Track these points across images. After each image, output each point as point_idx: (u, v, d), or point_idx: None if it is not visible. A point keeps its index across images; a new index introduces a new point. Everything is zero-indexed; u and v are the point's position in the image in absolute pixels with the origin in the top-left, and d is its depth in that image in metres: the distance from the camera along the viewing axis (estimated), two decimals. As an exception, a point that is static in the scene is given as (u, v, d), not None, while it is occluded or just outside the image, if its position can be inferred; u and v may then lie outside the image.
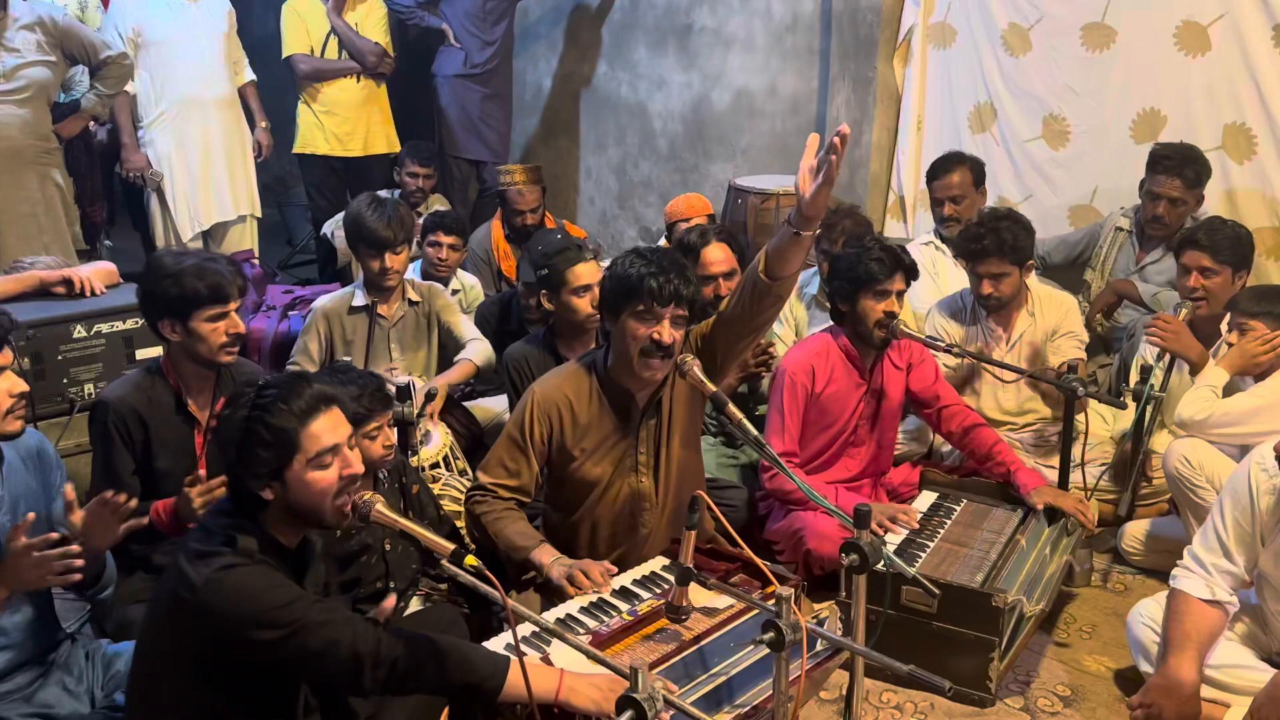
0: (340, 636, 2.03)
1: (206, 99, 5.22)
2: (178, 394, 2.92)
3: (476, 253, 5.14)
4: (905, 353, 3.48)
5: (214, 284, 2.82)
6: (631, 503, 2.94)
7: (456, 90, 6.01)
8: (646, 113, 6.20)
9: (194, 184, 5.25)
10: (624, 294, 2.74)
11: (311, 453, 2.09)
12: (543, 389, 2.90)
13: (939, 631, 2.86)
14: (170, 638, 2.09)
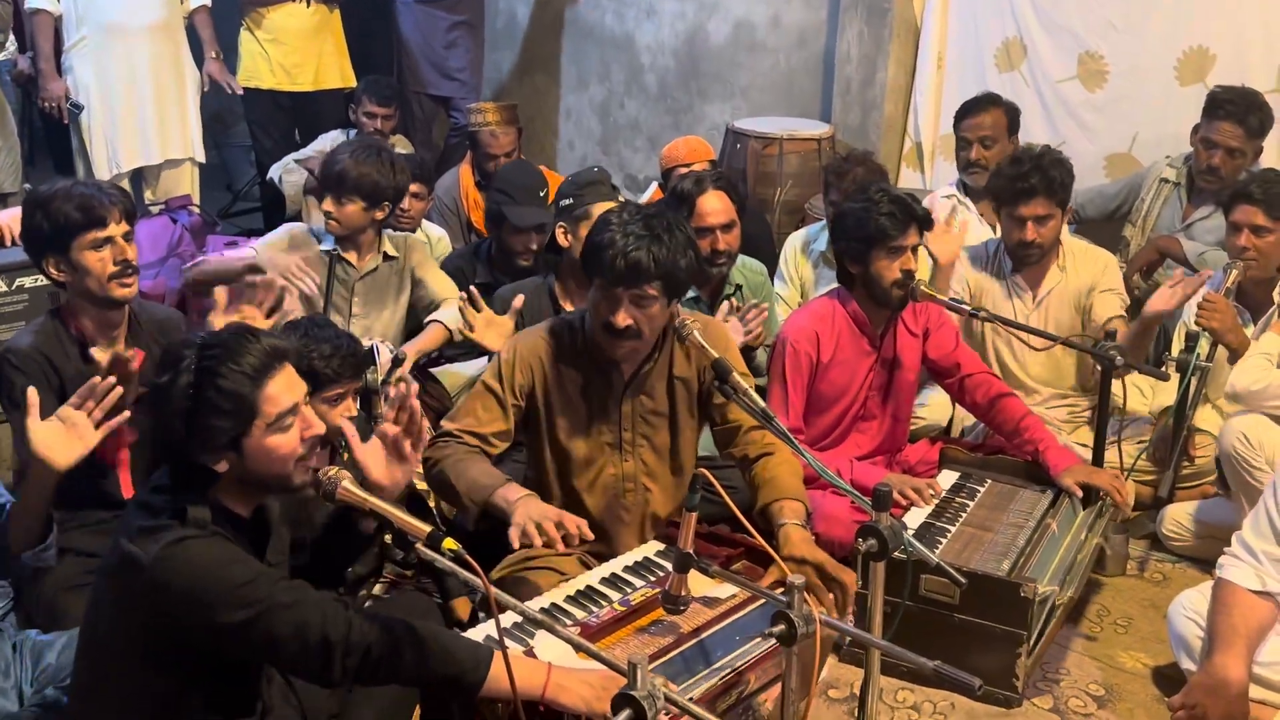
0: (309, 619, 2.02)
1: (134, 25, 5.15)
2: (81, 342, 2.89)
3: (444, 201, 5.12)
4: (922, 317, 3.48)
5: (85, 205, 2.79)
6: (613, 483, 2.94)
7: (419, 17, 5.98)
8: (634, 45, 6.17)
9: (114, 121, 5.19)
10: (590, 262, 2.74)
11: (271, 416, 2.07)
12: (525, 343, 2.87)
13: (961, 624, 2.89)
14: (117, 626, 2.08)
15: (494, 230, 4.12)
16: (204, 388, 2.03)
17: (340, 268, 3.82)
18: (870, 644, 2.32)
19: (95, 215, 2.79)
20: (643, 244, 2.65)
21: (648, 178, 5.84)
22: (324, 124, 5.65)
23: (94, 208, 2.79)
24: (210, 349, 2.06)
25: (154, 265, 4.54)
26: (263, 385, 2.06)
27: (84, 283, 2.83)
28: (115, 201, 2.83)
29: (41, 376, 2.80)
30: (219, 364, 2.04)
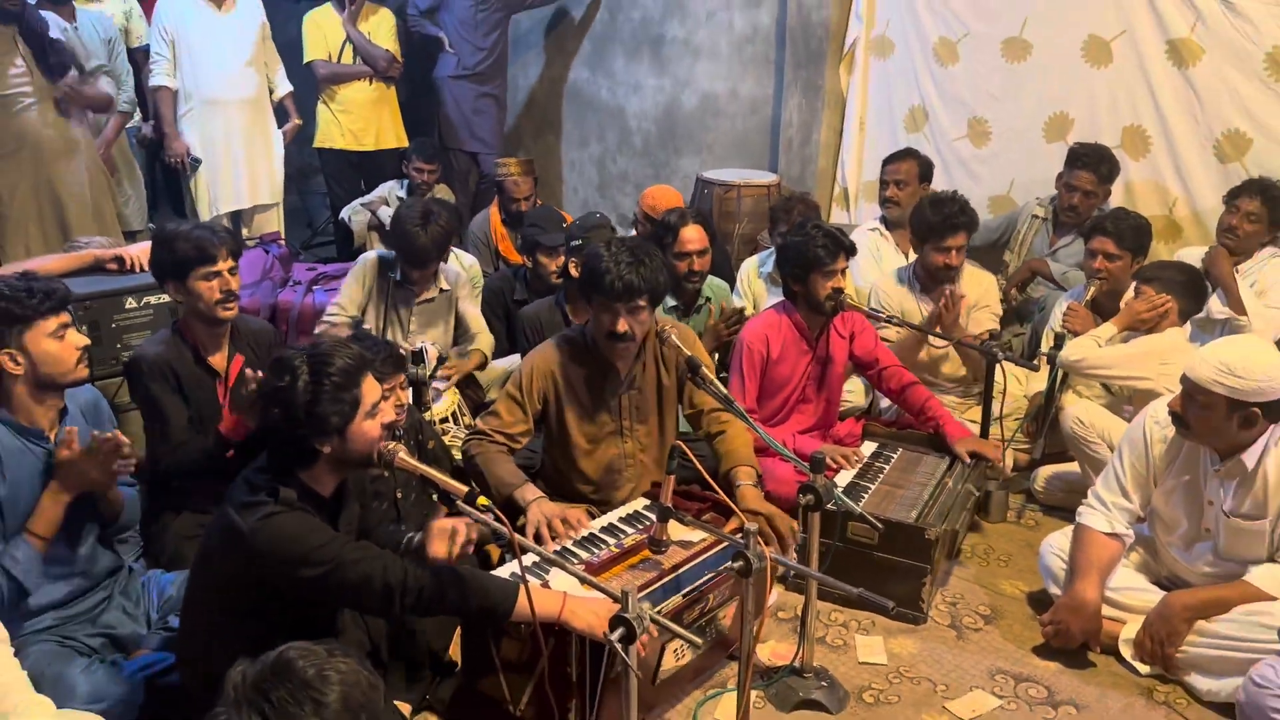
0: (373, 570, 2.03)
1: (231, 99, 5.10)
2: (195, 350, 2.88)
3: (476, 235, 5.10)
4: (849, 323, 3.49)
5: (200, 245, 2.78)
6: (615, 460, 2.96)
7: (454, 90, 5.95)
8: (624, 113, 6.16)
9: (214, 174, 5.15)
10: (590, 286, 2.77)
11: (368, 406, 2.09)
12: (541, 356, 2.90)
13: (880, 561, 2.90)
14: (221, 574, 2.08)
15: (529, 256, 4.13)
16: (320, 386, 2.04)
17: (403, 293, 3.83)
18: (809, 576, 2.34)
19: (207, 254, 2.78)
20: (632, 269, 2.69)
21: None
22: (383, 175, 5.62)
23: (207, 247, 2.78)
24: (319, 358, 2.06)
25: (250, 286, 4.51)
26: (360, 383, 2.07)
27: (196, 305, 2.82)
28: (224, 242, 2.82)
29: (162, 377, 2.79)
30: (329, 368, 2.05)
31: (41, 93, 4.09)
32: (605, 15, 6.05)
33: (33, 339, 2.26)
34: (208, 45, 4.98)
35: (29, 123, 4.08)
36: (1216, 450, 2.61)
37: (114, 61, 4.71)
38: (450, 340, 4.00)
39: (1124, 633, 2.72)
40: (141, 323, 3.44)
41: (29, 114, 4.07)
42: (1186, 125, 4.26)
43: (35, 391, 2.30)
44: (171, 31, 4.92)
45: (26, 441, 2.29)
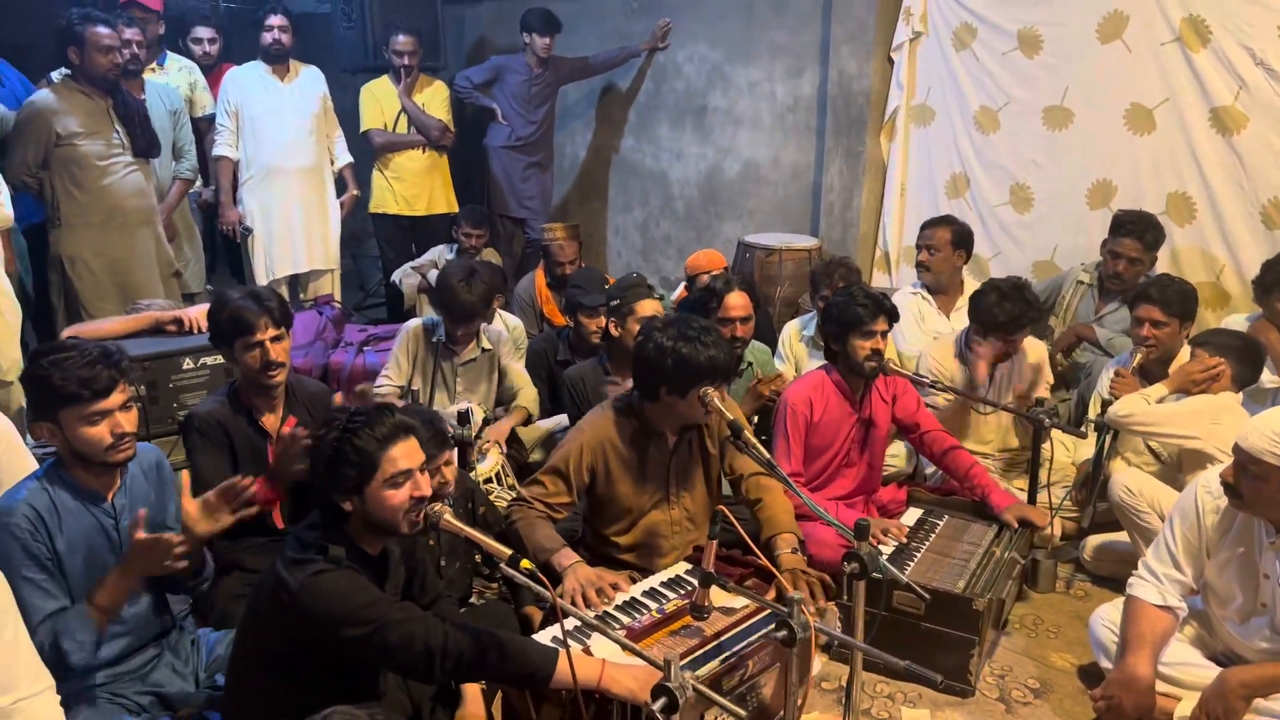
0: (415, 632, 2.02)
1: (290, 168, 5.25)
2: (249, 412, 2.92)
3: (522, 297, 5.16)
4: (891, 385, 3.46)
5: (239, 316, 2.82)
6: (660, 527, 2.93)
7: (503, 159, 6.07)
8: (667, 179, 6.24)
9: (271, 240, 5.29)
10: (656, 376, 2.73)
11: (388, 474, 2.09)
12: (592, 428, 2.88)
13: (926, 631, 2.83)
14: (268, 631, 2.08)
15: (572, 317, 4.18)
16: (343, 443, 2.06)
17: (447, 356, 3.88)
18: (853, 646, 2.28)
19: (247, 324, 2.81)
20: (719, 347, 2.73)
21: (678, 278, 5.87)
22: (434, 240, 5.73)
23: (247, 318, 2.81)
24: (356, 416, 2.10)
25: (304, 347, 4.59)
26: (387, 449, 2.08)
27: (245, 373, 2.88)
28: (266, 311, 2.83)
29: (214, 437, 2.84)
30: (359, 428, 2.07)
31: (130, 167, 4.26)
32: (650, 86, 6.16)
33: (67, 420, 2.24)
34: (270, 115, 5.14)
35: (119, 194, 4.24)
36: (1272, 522, 2.53)
37: (178, 131, 4.88)
38: (494, 399, 4.03)
39: (1179, 710, 2.61)
40: (198, 383, 3.50)
41: (121, 185, 4.23)
42: (1232, 192, 4.21)
43: (77, 463, 2.31)
44: (236, 103, 5.09)
45: (84, 503, 2.32)
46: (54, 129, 4.09)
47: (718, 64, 5.76)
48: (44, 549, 2.22)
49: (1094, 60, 4.48)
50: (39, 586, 2.21)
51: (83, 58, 4.08)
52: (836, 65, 5.23)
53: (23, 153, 4.08)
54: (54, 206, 4.21)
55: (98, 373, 2.24)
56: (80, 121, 4.12)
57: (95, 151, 4.16)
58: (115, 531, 2.34)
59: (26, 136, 4.09)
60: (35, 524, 2.21)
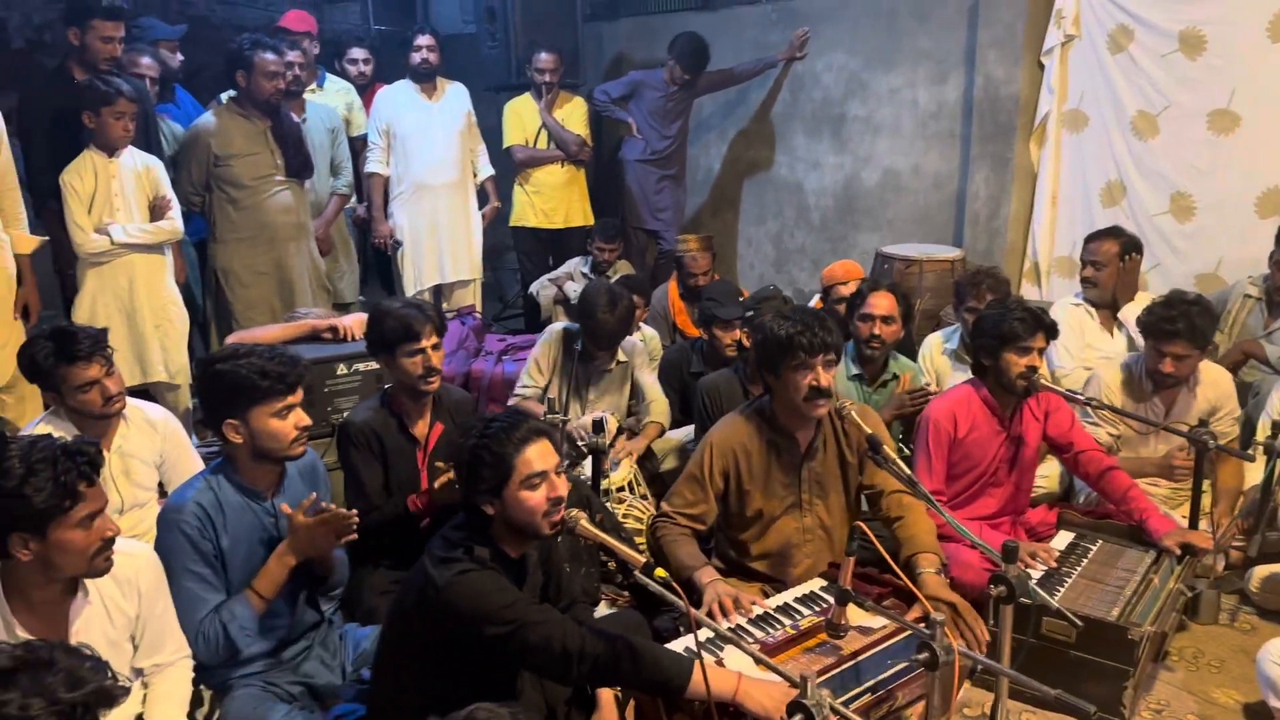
0: (553, 634, 2.05)
1: (437, 183, 5.41)
2: (400, 419, 3.02)
3: (656, 309, 5.18)
4: (1043, 402, 3.30)
5: (407, 324, 2.92)
6: (793, 535, 2.88)
7: (638, 172, 6.12)
8: (802, 190, 6.16)
9: (419, 252, 5.47)
10: (779, 351, 2.73)
11: (523, 475, 2.13)
12: (720, 435, 2.88)
13: (1077, 660, 2.69)
14: (414, 626, 2.15)
15: (705, 330, 4.17)
16: (480, 447, 2.12)
17: (585, 365, 3.94)
18: (1000, 673, 2.18)
19: (413, 331, 2.92)
20: (816, 321, 2.72)
21: (812, 290, 5.78)
22: (571, 252, 5.82)
23: (413, 325, 2.92)
24: (493, 421, 2.15)
25: (448, 356, 4.73)
26: (522, 451, 2.12)
27: (400, 379, 2.98)
28: (429, 320, 2.96)
29: (365, 444, 2.95)
30: (495, 432, 2.12)
31: (281, 185, 4.51)
32: (787, 95, 6.10)
33: (256, 416, 2.38)
34: (419, 133, 5.34)
35: (271, 210, 4.49)
36: None
37: (336, 149, 5.12)
38: (625, 408, 4.06)
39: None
40: (351, 388, 3.65)
41: (272, 203, 4.48)
42: None
43: (254, 459, 2.46)
44: (386, 121, 5.31)
45: (248, 500, 2.45)
46: (213, 150, 4.36)
47: (857, 72, 5.66)
48: (210, 545, 2.36)
49: (1263, 60, 4.19)
50: (204, 580, 2.35)
51: (249, 81, 4.34)
52: (983, 70, 5.06)
53: (186, 173, 4.36)
54: (212, 222, 4.49)
55: (288, 369, 2.41)
56: (238, 143, 4.38)
57: (250, 171, 4.41)
58: (275, 529, 2.46)
59: (189, 158, 4.38)
60: (203, 521, 2.35)
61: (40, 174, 4.03)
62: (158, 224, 3.99)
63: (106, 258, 3.90)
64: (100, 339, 2.80)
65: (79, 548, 1.93)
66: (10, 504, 1.86)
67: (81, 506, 1.92)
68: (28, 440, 1.93)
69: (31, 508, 1.86)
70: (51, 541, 1.90)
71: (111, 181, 3.87)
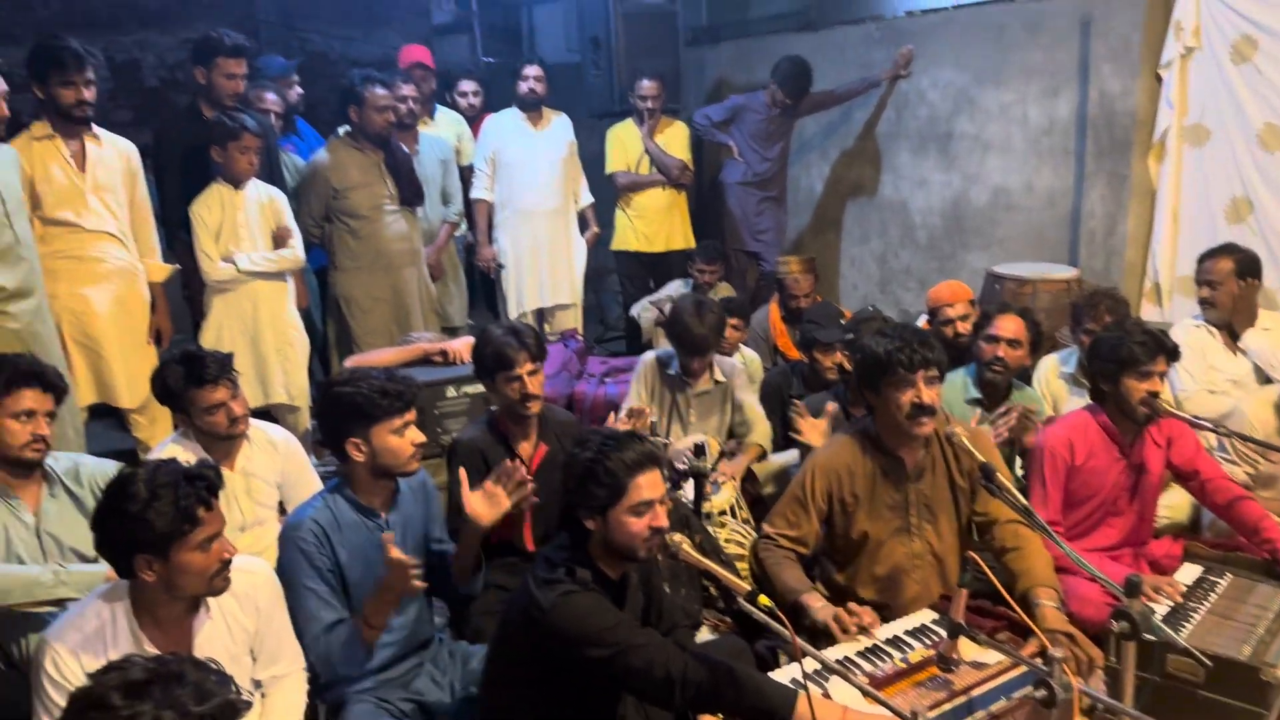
0: (656, 658, 2.05)
1: (540, 209, 5.53)
2: (506, 440, 3.08)
3: (756, 331, 5.16)
4: (1166, 428, 3.15)
5: (501, 352, 3.00)
6: (902, 561, 2.82)
7: (739, 195, 6.12)
8: (908, 209, 6.06)
9: (521, 275, 5.58)
10: (880, 369, 2.68)
11: (633, 501, 2.14)
12: (824, 456, 2.84)
13: (1204, 701, 2.53)
14: (519, 647, 2.18)
15: (806, 353, 4.14)
16: (595, 463, 2.14)
17: (682, 387, 3.95)
18: (1122, 712, 2.08)
19: (507, 360, 3.00)
20: (917, 339, 2.68)
21: (918, 311, 5.67)
22: (671, 275, 5.85)
23: (507, 353, 3.00)
24: (609, 439, 2.18)
25: (550, 378, 4.80)
26: (635, 476, 2.14)
27: (502, 403, 3.05)
28: (525, 347, 3.02)
29: (472, 463, 3.02)
30: (610, 451, 2.14)
31: (395, 214, 4.67)
32: (891, 114, 6.03)
33: (377, 434, 2.50)
34: (523, 160, 5.48)
35: (386, 239, 4.66)
36: None
37: (446, 178, 5.28)
38: (727, 430, 4.04)
39: None
40: (459, 410, 3.75)
41: (387, 231, 4.65)
42: None
43: (372, 477, 2.54)
44: (493, 148, 5.47)
45: (363, 518, 2.54)
46: (331, 183, 4.55)
47: (964, 88, 5.56)
48: (327, 561, 2.45)
49: None
50: (320, 597, 2.43)
51: (361, 116, 4.52)
52: (1097, 85, 4.90)
53: (306, 206, 4.56)
54: (332, 252, 4.67)
55: (405, 388, 2.54)
56: (353, 175, 4.56)
57: (366, 202, 4.59)
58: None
59: (308, 192, 4.58)
60: (320, 538, 2.45)
61: (172, 206, 4.27)
62: (280, 252, 4.18)
63: (232, 285, 4.10)
64: (226, 363, 2.94)
65: (198, 569, 2.03)
66: (134, 527, 1.96)
67: (200, 530, 2.01)
68: (153, 465, 2.04)
69: (154, 531, 1.96)
70: (173, 563, 2.00)
71: (237, 213, 4.07)
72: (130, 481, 1.99)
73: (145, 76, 7.86)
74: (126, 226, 3.91)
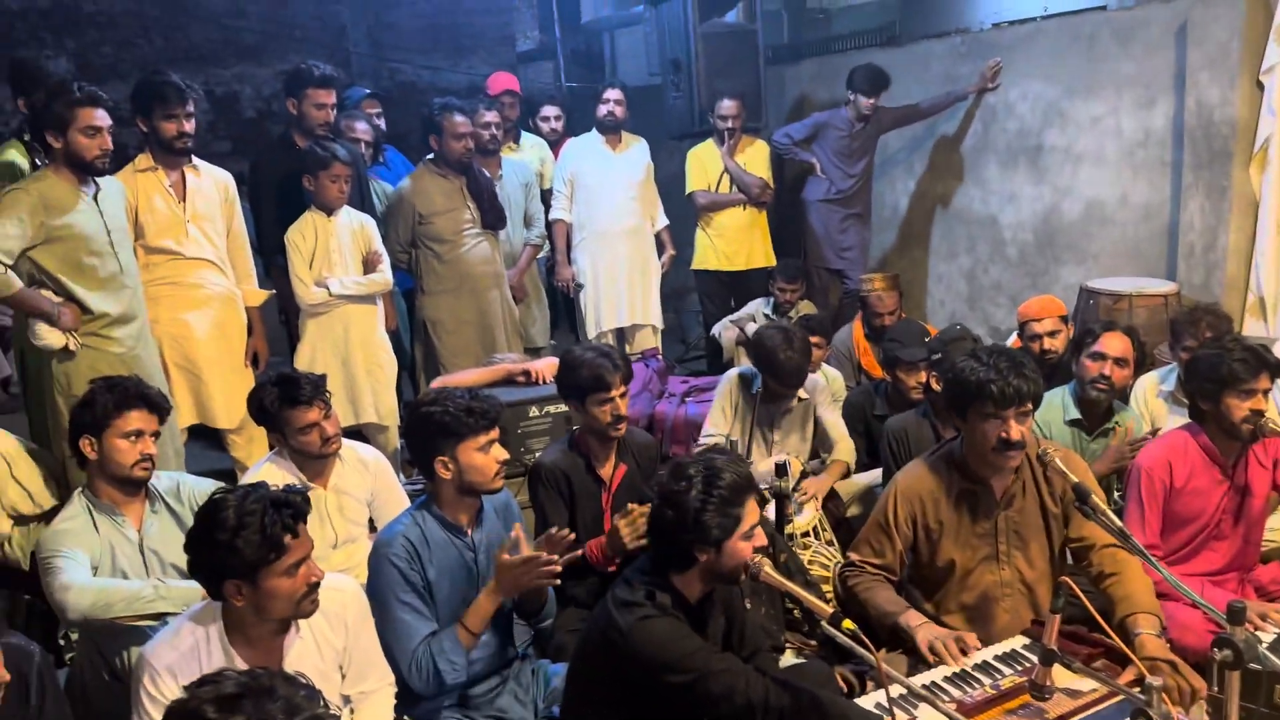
0: (736, 685, 2.05)
1: (617, 231, 5.58)
2: (588, 460, 3.12)
3: (840, 350, 5.12)
4: (1271, 448, 3.02)
5: (598, 374, 3.03)
6: (991, 589, 2.74)
7: (821, 212, 6.08)
8: (997, 224, 5.93)
9: (600, 295, 5.63)
10: (969, 398, 2.60)
11: (745, 527, 2.16)
12: (905, 480, 2.79)
13: (1319, 736, 2.41)
14: (598, 668, 2.20)
15: (889, 372, 4.09)
16: (709, 497, 2.13)
17: (765, 406, 3.93)
18: (1229, 748, 2.00)
19: (603, 382, 3.04)
20: (1014, 371, 2.56)
21: (1009, 329, 5.54)
22: (752, 294, 5.83)
23: (603, 376, 3.04)
24: (714, 470, 2.16)
25: (631, 398, 4.82)
26: (744, 502, 2.14)
27: (589, 424, 3.08)
28: (618, 370, 3.07)
29: (555, 485, 3.07)
30: (720, 481, 2.14)
31: (478, 237, 4.78)
32: (978, 127, 5.92)
33: (463, 451, 2.56)
34: (602, 182, 5.55)
35: (470, 262, 4.77)
36: None
37: (529, 202, 5.38)
38: (809, 448, 4.01)
39: None
40: (542, 430, 3.80)
41: (471, 254, 4.76)
42: None
43: (459, 495, 2.60)
44: (572, 171, 5.56)
45: (450, 535, 2.60)
46: (416, 209, 4.67)
47: (1054, 100, 5.43)
48: (419, 577, 2.51)
49: None
50: (414, 610, 2.49)
51: (441, 144, 4.64)
52: (1194, 94, 4.74)
53: (394, 233, 4.69)
54: (418, 276, 4.79)
55: (489, 407, 2.61)
56: (438, 201, 4.68)
57: (450, 227, 4.70)
58: (475, 564, 2.59)
59: (395, 219, 4.72)
60: (411, 553, 2.51)
61: (267, 234, 4.44)
62: (370, 276, 4.30)
63: (325, 309, 4.24)
64: (320, 384, 3.04)
65: (286, 593, 2.08)
66: (223, 555, 2.03)
67: (287, 557, 2.06)
68: (241, 492, 2.10)
69: (242, 559, 2.03)
70: (261, 588, 2.06)
71: (330, 238, 4.21)
72: (220, 508, 2.05)
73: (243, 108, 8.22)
74: (224, 253, 4.07)
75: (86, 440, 2.76)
